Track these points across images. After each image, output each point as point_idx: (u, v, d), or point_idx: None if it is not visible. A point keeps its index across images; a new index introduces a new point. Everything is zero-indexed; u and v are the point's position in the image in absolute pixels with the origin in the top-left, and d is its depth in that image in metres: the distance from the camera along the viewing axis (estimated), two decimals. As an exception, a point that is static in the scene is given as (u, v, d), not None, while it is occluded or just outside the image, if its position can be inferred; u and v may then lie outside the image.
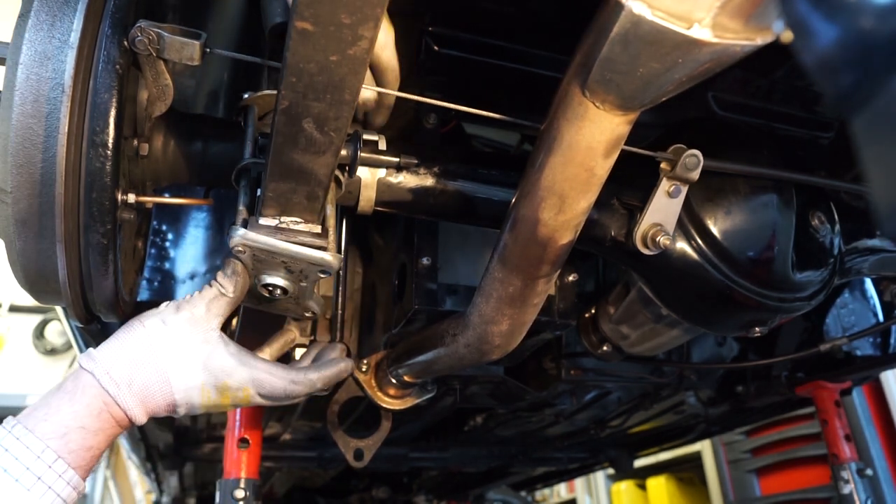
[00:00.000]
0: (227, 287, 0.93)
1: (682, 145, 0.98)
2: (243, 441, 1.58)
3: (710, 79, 0.66)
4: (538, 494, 6.81)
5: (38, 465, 0.82)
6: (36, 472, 0.81)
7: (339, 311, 1.36)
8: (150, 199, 0.97)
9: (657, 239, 1.02)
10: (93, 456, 0.88)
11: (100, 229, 0.85)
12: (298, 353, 1.28)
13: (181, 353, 0.90)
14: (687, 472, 4.96)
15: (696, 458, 4.57)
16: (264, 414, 1.75)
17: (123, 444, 3.39)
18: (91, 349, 0.90)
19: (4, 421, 0.86)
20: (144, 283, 1.63)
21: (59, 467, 0.83)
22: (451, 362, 1.16)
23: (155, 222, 1.66)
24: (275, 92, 0.87)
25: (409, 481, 4.03)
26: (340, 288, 1.40)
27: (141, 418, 0.91)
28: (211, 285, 0.94)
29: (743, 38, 0.57)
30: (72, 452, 0.84)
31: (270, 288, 0.96)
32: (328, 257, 0.90)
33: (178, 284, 1.67)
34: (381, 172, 1.03)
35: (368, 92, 0.97)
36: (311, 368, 1.02)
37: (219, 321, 0.93)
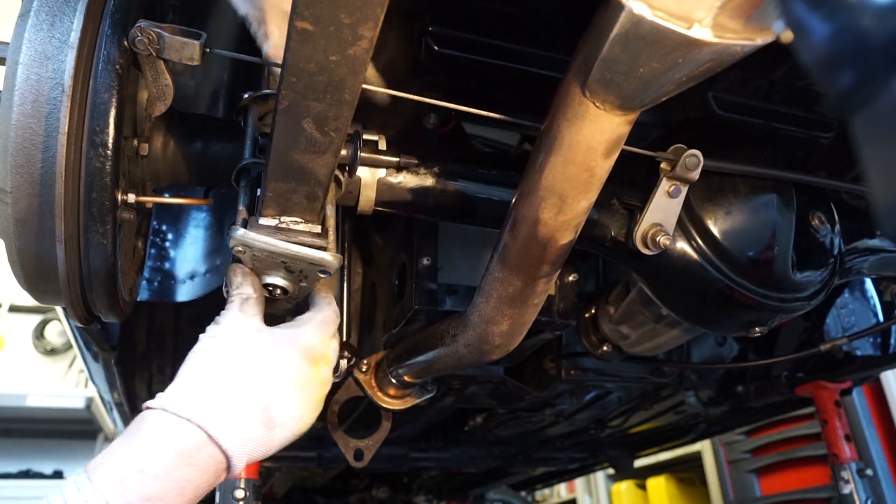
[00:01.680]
0: (247, 290, 0.90)
1: (682, 145, 0.98)
2: (243, 441, 1.58)
3: (710, 79, 0.66)
4: (538, 494, 6.81)
5: None
6: None
7: (343, 311, 1.36)
8: (150, 199, 0.97)
9: (657, 239, 1.02)
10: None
11: (100, 229, 0.85)
12: None
13: (247, 350, 0.84)
14: (687, 472, 4.96)
15: (696, 458, 4.57)
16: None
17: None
18: (158, 395, 0.80)
19: (78, 470, 0.75)
20: (144, 283, 1.63)
21: None
22: (451, 362, 1.16)
23: (155, 222, 1.66)
24: (275, 92, 0.87)
25: (409, 481, 4.03)
26: (344, 287, 1.40)
27: (235, 443, 0.77)
28: (230, 299, 0.90)
29: (743, 38, 0.57)
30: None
31: (270, 288, 0.96)
32: (328, 257, 0.90)
33: (178, 284, 1.67)
34: (381, 172, 1.03)
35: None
36: (312, 295, 0.99)
37: (259, 318, 0.89)
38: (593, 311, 1.51)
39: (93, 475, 0.73)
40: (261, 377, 0.83)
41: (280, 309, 1.03)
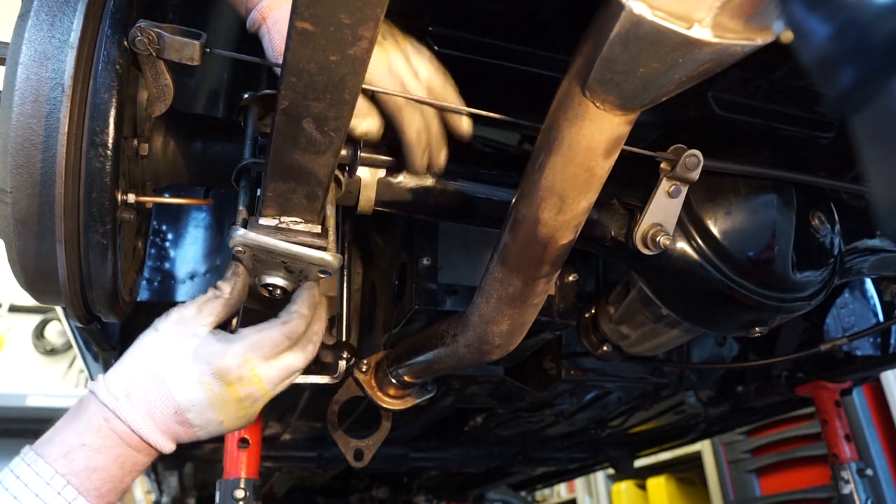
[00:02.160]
0: (224, 289, 0.90)
1: (682, 145, 0.98)
2: (243, 441, 1.59)
3: (710, 79, 0.67)
4: (538, 494, 6.81)
5: (47, 493, 0.79)
6: (45, 500, 0.79)
7: (344, 311, 1.36)
8: (150, 199, 0.97)
9: (657, 239, 1.02)
10: (101, 479, 0.82)
11: (100, 229, 0.85)
12: None
13: (171, 352, 0.87)
14: (687, 472, 4.95)
15: (696, 458, 4.57)
16: (264, 414, 1.75)
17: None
18: (100, 375, 0.88)
19: (23, 449, 0.84)
20: (144, 283, 1.63)
21: (68, 494, 0.80)
22: (451, 362, 1.16)
23: (155, 222, 1.66)
24: (275, 92, 0.87)
25: (409, 481, 4.03)
26: (344, 287, 1.40)
27: (155, 436, 0.85)
28: (208, 291, 0.92)
29: (743, 38, 0.57)
30: (77, 474, 0.80)
31: (270, 288, 0.96)
32: (328, 257, 0.90)
33: (178, 284, 1.67)
34: (381, 172, 1.03)
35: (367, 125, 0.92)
36: (290, 304, 0.96)
37: (211, 320, 0.89)
38: (593, 311, 1.51)
39: (41, 450, 0.82)
40: (174, 386, 0.86)
41: (279, 309, 1.03)
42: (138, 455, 0.86)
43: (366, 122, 0.91)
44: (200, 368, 0.87)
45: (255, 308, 1.04)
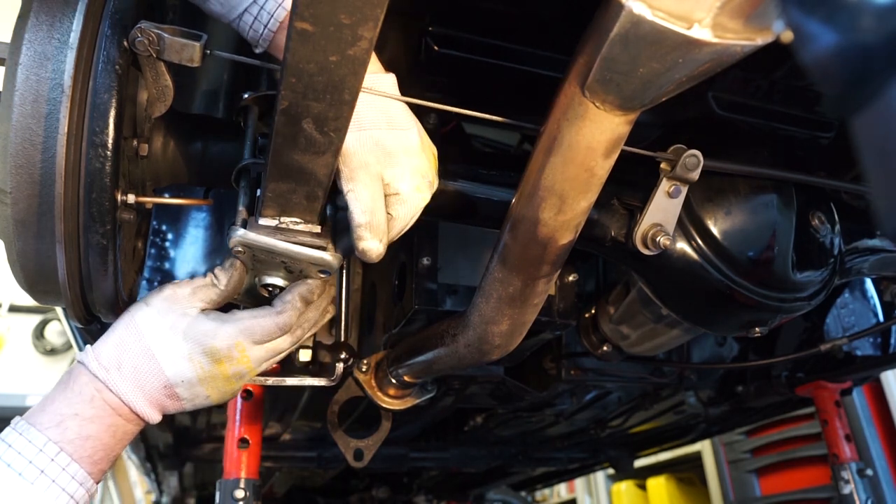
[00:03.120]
0: (220, 278, 0.92)
1: (682, 145, 0.98)
2: (243, 441, 1.58)
3: (710, 79, 0.66)
4: (538, 494, 6.81)
5: (40, 459, 0.81)
6: (39, 466, 0.81)
7: (343, 311, 1.36)
8: (150, 200, 0.97)
9: (657, 239, 1.02)
10: (93, 447, 0.85)
11: (99, 229, 0.85)
12: (302, 354, 1.28)
13: (162, 328, 0.89)
14: (687, 472, 4.96)
15: (696, 458, 4.57)
16: (264, 414, 1.75)
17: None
18: (88, 346, 0.90)
19: (13, 420, 0.85)
20: (144, 283, 1.63)
21: (62, 460, 0.82)
22: (451, 362, 1.16)
23: (155, 222, 1.66)
24: (275, 92, 0.87)
25: (409, 481, 4.03)
26: (344, 287, 1.40)
27: (144, 407, 0.88)
28: (205, 275, 0.94)
29: (743, 38, 0.57)
30: (70, 442, 0.83)
31: (270, 288, 0.96)
32: (328, 257, 0.90)
33: (178, 284, 1.66)
34: (381, 172, 1.02)
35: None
36: (284, 293, 0.97)
37: (202, 305, 0.92)
38: (593, 311, 1.51)
39: (33, 419, 0.84)
40: (165, 362, 0.89)
41: None
42: (128, 425, 0.89)
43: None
44: (191, 346, 0.89)
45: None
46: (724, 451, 4.28)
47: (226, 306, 0.96)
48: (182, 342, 0.89)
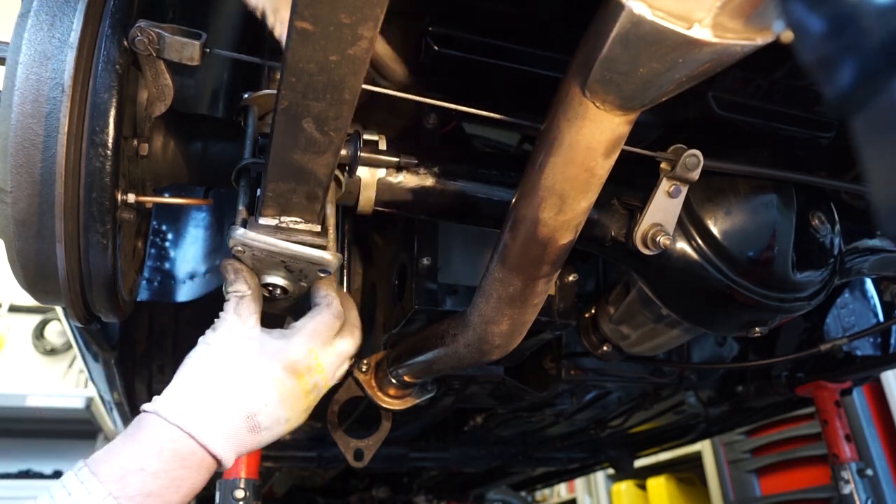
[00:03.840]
0: (241, 288, 0.91)
1: (682, 145, 0.98)
2: (243, 441, 1.58)
3: (710, 79, 0.67)
4: (538, 494, 6.81)
5: None
6: None
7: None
8: (150, 199, 0.97)
9: (657, 239, 1.02)
10: None
11: (100, 229, 0.85)
12: None
13: (234, 359, 0.87)
14: (687, 472, 4.96)
15: (696, 458, 4.57)
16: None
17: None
18: (154, 398, 0.85)
19: (77, 465, 0.81)
20: (144, 283, 1.63)
21: None
22: (451, 362, 1.16)
23: (155, 222, 1.66)
24: (275, 92, 0.88)
25: (409, 481, 4.03)
26: (344, 287, 1.40)
27: (223, 447, 0.83)
28: (227, 298, 0.92)
29: (743, 38, 0.57)
30: (130, 498, 0.77)
31: (270, 288, 0.96)
32: (327, 256, 0.90)
33: (178, 284, 1.67)
34: (381, 172, 1.03)
35: None
36: (314, 292, 0.97)
37: (255, 319, 0.90)
38: (593, 311, 1.51)
39: (96, 469, 0.78)
40: (245, 389, 0.86)
41: (280, 308, 1.03)
42: (197, 476, 0.83)
43: None
44: (271, 366, 0.87)
45: None
46: (724, 451, 4.28)
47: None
48: (261, 364, 0.87)
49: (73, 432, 6.67)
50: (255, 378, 0.87)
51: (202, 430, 0.82)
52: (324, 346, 0.93)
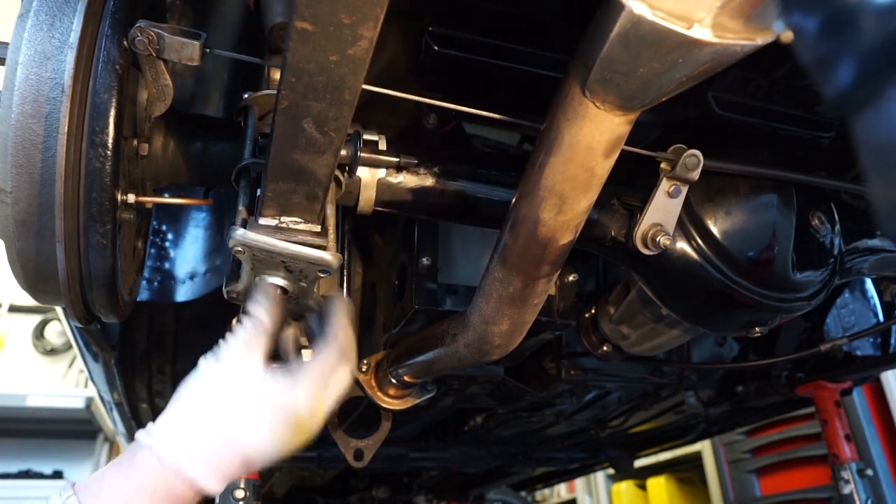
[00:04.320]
0: (263, 318, 0.87)
1: (682, 145, 0.98)
2: (243, 441, 1.58)
3: (710, 79, 0.67)
4: (538, 494, 6.81)
5: None
6: None
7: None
8: (150, 199, 0.97)
9: (657, 239, 1.02)
10: None
11: (100, 229, 0.85)
12: (305, 354, 1.28)
13: (233, 398, 0.83)
14: (687, 472, 4.96)
15: (696, 458, 4.57)
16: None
17: (123, 442, 3.39)
18: (150, 425, 0.83)
19: (62, 487, 0.79)
20: (144, 283, 1.63)
21: None
22: (451, 362, 1.16)
23: (155, 222, 1.66)
24: (275, 92, 0.88)
25: (409, 481, 4.03)
26: (344, 287, 1.40)
27: (216, 486, 0.81)
28: (240, 320, 0.88)
29: (743, 38, 0.57)
30: None
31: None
32: (327, 256, 0.90)
33: (178, 284, 1.66)
34: (381, 172, 1.03)
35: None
36: (326, 319, 0.94)
37: (259, 355, 0.86)
38: (593, 311, 1.51)
39: (83, 497, 0.77)
40: (247, 436, 0.83)
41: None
42: None
43: None
44: (274, 414, 0.84)
45: None
46: (724, 451, 4.28)
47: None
48: (263, 410, 0.83)
49: (73, 432, 6.67)
50: (257, 424, 0.83)
51: (199, 474, 0.80)
52: (326, 387, 0.89)
